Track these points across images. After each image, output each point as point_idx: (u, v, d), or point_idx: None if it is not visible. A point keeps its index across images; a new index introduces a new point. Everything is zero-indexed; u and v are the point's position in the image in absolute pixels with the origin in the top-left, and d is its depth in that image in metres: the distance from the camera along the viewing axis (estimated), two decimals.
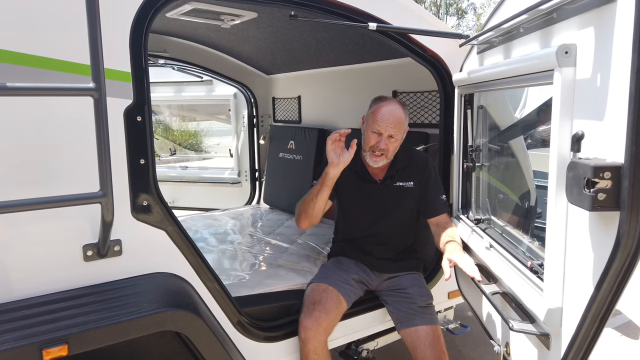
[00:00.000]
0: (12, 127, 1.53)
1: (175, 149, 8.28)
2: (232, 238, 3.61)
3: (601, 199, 1.20)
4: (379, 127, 2.38)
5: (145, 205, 1.78)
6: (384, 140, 2.39)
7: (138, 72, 1.70)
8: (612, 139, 1.24)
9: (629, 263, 1.21)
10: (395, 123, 2.38)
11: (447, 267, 2.09)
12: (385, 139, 2.39)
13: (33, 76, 1.53)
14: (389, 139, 2.40)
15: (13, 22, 1.49)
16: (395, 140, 2.42)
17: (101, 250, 1.69)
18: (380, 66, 3.60)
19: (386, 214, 2.55)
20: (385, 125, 2.37)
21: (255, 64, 4.65)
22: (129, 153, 1.72)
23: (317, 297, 2.36)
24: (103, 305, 1.59)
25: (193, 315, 1.71)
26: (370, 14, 2.28)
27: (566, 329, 1.48)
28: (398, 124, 2.39)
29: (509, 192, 2.52)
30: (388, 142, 2.39)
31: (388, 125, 2.37)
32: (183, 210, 5.01)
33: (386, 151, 2.41)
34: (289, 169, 4.35)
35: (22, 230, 1.58)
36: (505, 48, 1.98)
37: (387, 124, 2.37)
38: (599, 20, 1.30)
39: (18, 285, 1.59)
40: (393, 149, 2.45)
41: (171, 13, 2.86)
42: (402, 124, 2.42)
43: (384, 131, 2.38)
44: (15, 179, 1.54)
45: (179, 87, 5.39)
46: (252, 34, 3.52)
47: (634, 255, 1.19)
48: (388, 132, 2.38)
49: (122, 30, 1.67)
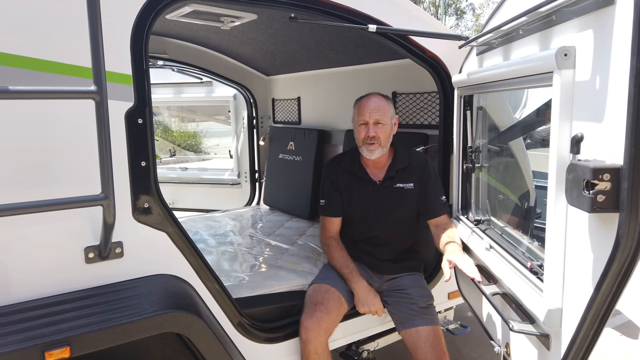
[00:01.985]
0: (14, 129, 1.54)
1: (174, 150, 8.28)
2: (232, 239, 3.61)
3: (600, 201, 1.21)
4: (363, 116, 2.43)
5: (146, 207, 1.78)
6: (372, 127, 2.42)
7: (139, 74, 1.71)
8: (611, 141, 1.24)
9: (628, 264, 1.21)
10: (378, 108, 2.43)
11: (447, 269, 2.10)
12: (373, 126, 2.42)
13: (35, 79, 1.53)
14: (376, 126, 2.42)
15: (15, 25, 1.50)
16: (383, 125, 2.44)
17: (102, 253, 1.69)
18: (380, 67, 3.61)
19: (386, 216, 2.56)
20: (368, 113, 2.42)
21: (255, 66, 4.65)
22: (130, 155, 1.72)
23: (318, 297, 2.36)
24: (105, 307, 1.59)
25: (194, 317, 1.72)
26: (370, 15, 2.29)
27: (566, 329, 1.49)
28: (380, 108, 2.43)
29: (509, 193, 2.52)
30: (376, 129, 2.42)
31: (371, 111, 2.42)
32: (183, 211, 5.01)
33: (377, 138, 2.43)
34: (288, 170, 4.36)
35: (24, 233, 1.59)
36: (505, 50, 1.99)
37: (370, 111, 2.42)
38: (598, 22, 1.31)
39: (20, 288, 1.60)
40: (385, 137, 2.46)
41: (171, 15, 2.87)
42: (385, 109, 2.45)
43: (368, 118, 2.42)
44: (17, 181, 1.55)
45: (179, 88, 5.39)
46: (252, 35, 3.52)
47: (633, 256, 1.20)
48: (373, 118, 2.42)
49: (123, 33, 1.67)
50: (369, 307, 2.39)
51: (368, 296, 2.41)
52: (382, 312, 2.44)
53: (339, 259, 2.52)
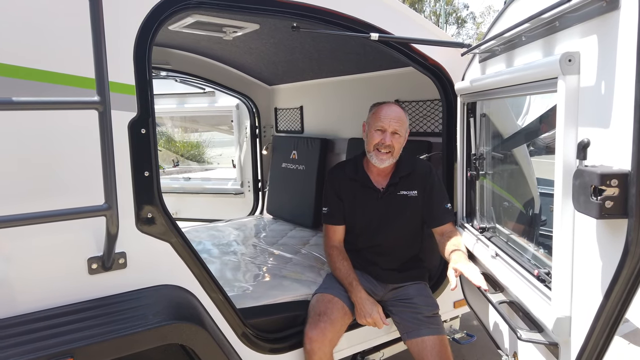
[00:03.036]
0: (18, 140, 1.54)
1: (178, 160, 8.30)
2: (236, 249, 3.60)
3: (609, 207, 1.19)
4: (383, 123, 2.41)
5: (149, 218, 1.78)
6: (389, 135, 2.40)
7: (142, 84, 1.71)
8: (618, 146, 1.23)
9: (638, 271, 1.20)
10: (398, 119, 2.42)
11: (453, 277, 2.08)
12: (390, 135, 2.40)
13: (38, 90, 1.54)
14: (393, 136, 2.41)
15: (19, 38, 1.51)
16: (399, 137, 2.43)
17: (106, 263, 1.68)
18: (383, 75, 3.61)
19: (390, 224, 2.54)
20: (388, 121, 2.40)
21: (257, 75, 4.67)
22: (133, 165, 1.72)
23: (322, 308, 2.34)
24: (108, 318, 1.58)
25: (198, 328, 1.70)
26: (372, 24, 2.29)
27: (575, 338, 1.47)
28: (400, 120, 2.43)
29: (513, 200, 2.51)
30: (393, 139, 2.41)
31: (391, 120, 2.40)
32: (186, 221, 5.01)
33: (392, 148, 2.42)
34: (291, 179, 4.35)
35: (27, 243, 1.58)
36: (507, 56, 1.99)
37: (390, 120, 2.40)
38: (601, 28, 1.30)
39: (23, 299, 1.59)
40: (398, 147, 2.45)
41: (174, 26, 2.88)
42: (404, 121, 2.46)
43: (387, 127, 2.40)
44: (21, 191, 1.55)
45: (182, 98, 5.42)
46: (254, 45, 3.53)
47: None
48: (392, 127, 2.40)
49: (126, 44, 1.68)
50: (366, 318, 2.35)
51: (365, 306, 2.36)
52: (382, 324, 2.36)
53: (341, 270, 2.50)
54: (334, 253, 2.56)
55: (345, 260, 2.52)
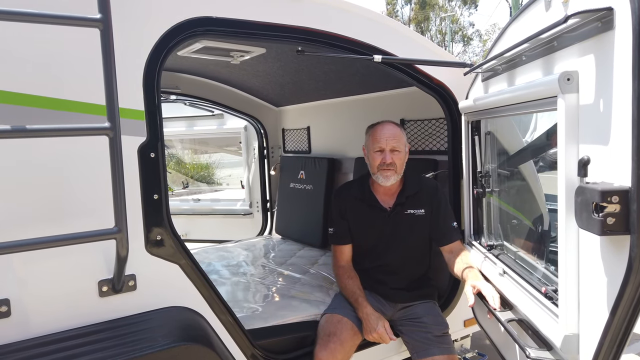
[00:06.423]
0: (30, 166, 1.58)
1: (187, 181, 8.37)
2: (245, 270, 3.60)
3: (610, 223, 1.20)
4: (380, 144, 2.45)
5: (158, 240, 1.80)
6: (388, 154, 2.44)
7: (151, 109, 1.76)
8: (618, 163, 1.25)
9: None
10: (394, 136, 2.46)
11: (471, 293, 2.08)
12: (389, 153, 2.44)
13: (51, 118, 1.58)
14: (392, 153, 2.44)
15: (31, 67, 1.56)
16: (399, 153, 2.46)
17: (116, 286, 1.71)
18: (388, 95, 3.65)
19: (398, 243, 2.55)
20: (385, 140, 2.44)
21: (264, 97, 4.74)
22: (142, 189, 1.75)
23: (331, 328, 2.34)
24: (118, 340, 1.60)
25: (207, 349, 1.71)
26: (375, 46, 2.34)
27: (584, 355, 1.45)
28: (396, 136, 2.47)
29: (522, 217, 2.50)
30: (393, 156, 2.44)
31: (388, 139, 2.44)
32: (196, 242, 5.03)
33: (394, 165, 2.44)
34: (300, 198, 4.38)
35: (38, 267, 1.61)
36: (509, 75, 2.01)
37: (387, 138, 2.45)
38: (598, 47, 1.33)
39: (34, 322, 1.61)
40: (400, 164, 2.48)
41: (183, 51, 2.96)
42: (400, 136, 2.49)
43: (385, 146, 2.44)
44: (32, 215, 1.58)
45: (191, 121, 5.50)
46: (261, 68, 3.60)
47: None
48: (390, 145, 2.44)
49: (136, 71, 1.73)
50: (371, 333, 2.32)
51: (370, 321, 2.33)
52: (388, 339, 2.32)
53: (347, 287, 2.50)
54: (341, 272, 2.57)
55: (351, 278, 2.52)
